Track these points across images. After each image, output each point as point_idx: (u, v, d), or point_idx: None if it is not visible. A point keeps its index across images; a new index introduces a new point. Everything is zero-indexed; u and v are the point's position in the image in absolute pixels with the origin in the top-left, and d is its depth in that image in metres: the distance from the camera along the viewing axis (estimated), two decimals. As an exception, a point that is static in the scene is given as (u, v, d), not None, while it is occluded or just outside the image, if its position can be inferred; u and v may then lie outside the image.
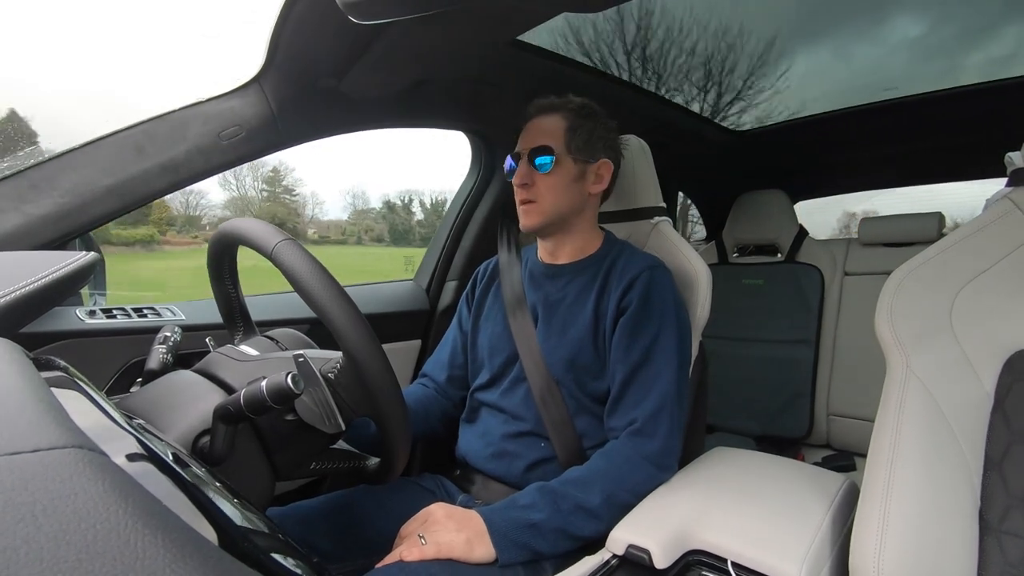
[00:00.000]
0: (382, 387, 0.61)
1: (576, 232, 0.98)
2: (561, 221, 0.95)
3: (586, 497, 0.75)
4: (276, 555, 0.39)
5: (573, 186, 0.94)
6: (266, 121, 1.02)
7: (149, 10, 29.23)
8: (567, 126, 0.94)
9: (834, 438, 1.83)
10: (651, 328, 0.86)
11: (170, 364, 0.73)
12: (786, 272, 1.92)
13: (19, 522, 0.20)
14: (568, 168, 0.93)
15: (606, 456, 0.81)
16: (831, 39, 1.56)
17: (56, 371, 0.46)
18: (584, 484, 0.77)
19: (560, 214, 0.94)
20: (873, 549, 0.59)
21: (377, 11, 0.62)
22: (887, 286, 0.69)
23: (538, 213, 0.93)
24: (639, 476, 0.80)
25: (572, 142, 0.93)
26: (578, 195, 0.95)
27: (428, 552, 0.69)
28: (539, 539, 0.73)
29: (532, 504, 0.75)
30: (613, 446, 0.83)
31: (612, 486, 0.77)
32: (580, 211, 0.97)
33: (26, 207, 0.85)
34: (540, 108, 0.97)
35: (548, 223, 0.94)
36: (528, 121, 0.97)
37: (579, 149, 0.94)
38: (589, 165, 0.95)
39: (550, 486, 0.77)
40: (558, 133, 0.93)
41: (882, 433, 0.64)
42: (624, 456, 0.81)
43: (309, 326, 1.16)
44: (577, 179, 0.94)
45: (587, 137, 0.94)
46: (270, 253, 0.62)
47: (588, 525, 0.75)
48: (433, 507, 0.75)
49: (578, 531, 0.74)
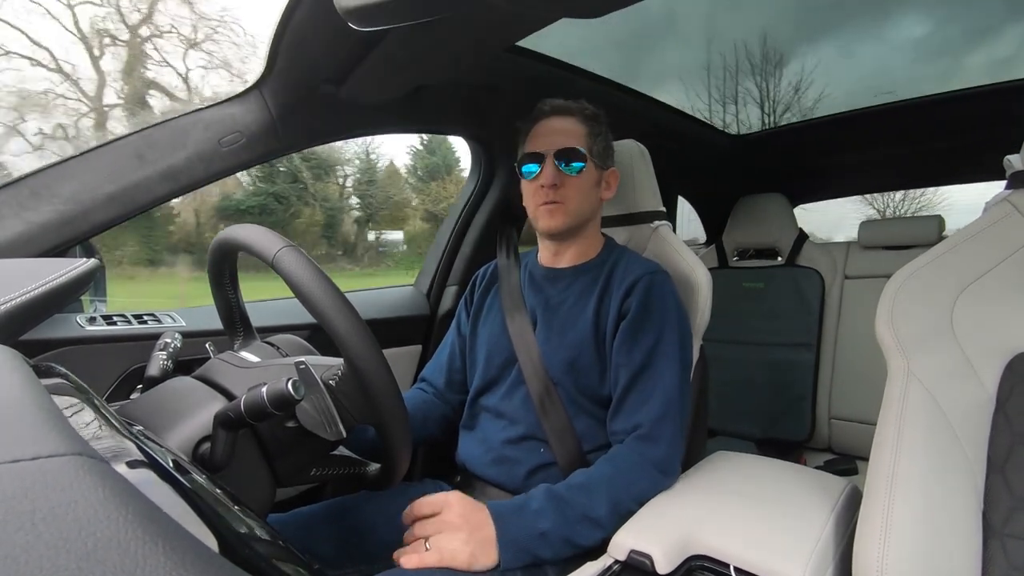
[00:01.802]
0: (384, 395, 0.61)
1: (584, 237, 0.99)
2: (581, 224, 0.97)
3: (592, 506, 0.75)
4: (277, 562, 0.39)
5: (593, 191, 0.96)
6: (266, 127, 1.03)
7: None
8: (588, 131, 0.94)
9: (836, 442, 1.83)
10: (653, 332, 0.86)
11: (170, 371, 0.73)
12: (786, 275, 1.92)
13: (19, 530, 0.19)
14: (591, 173, 0.95)
15: (612, 462, 0.81)
16: (835, 38, 1.57)
17: (56, 378, 0.46)
18: (591, 491, 0.77)
19: (583, 217, 0.96)
20: (876, 553, 0.59)
21: (376, 18, 0.62)
22: (887, 289, 0.69)
23: (564, 214, 0.93)
24: (645, 483, 0.79)
25: (594, 147, 0.95)
26: (596, 200, 0.97)
27: (428, 560, 0.68)
28: (544, 547, 0.73)
29: (541, 510, 0.74)
30: (619, 451, 0.83)
31: (618, 493, 0.77)
32: (593, 217, 0.99)
33: (27, 214, 0.85)
34: (556, 108, 0.96)
35: (572, 225, 0.95)
36: (540, 121, 0.96)
37: (598, 155, 0.95)
38: (603, 172, 0.98)
39: (558, 492, 0.77)
40: (581, 137, 0.94)
41: (884, 436, 0.64)
42: (631, 462, 0.80)
43: (310, 332, 1.16)
44: (596, 185, 0.96)
45: (604, 144, 0.96)
46: (271, 260, 0.62)
47: (592, 534, 0.75)
48: (452, 498, 0.74)
49: (581, 540, 0.74)
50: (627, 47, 1.48)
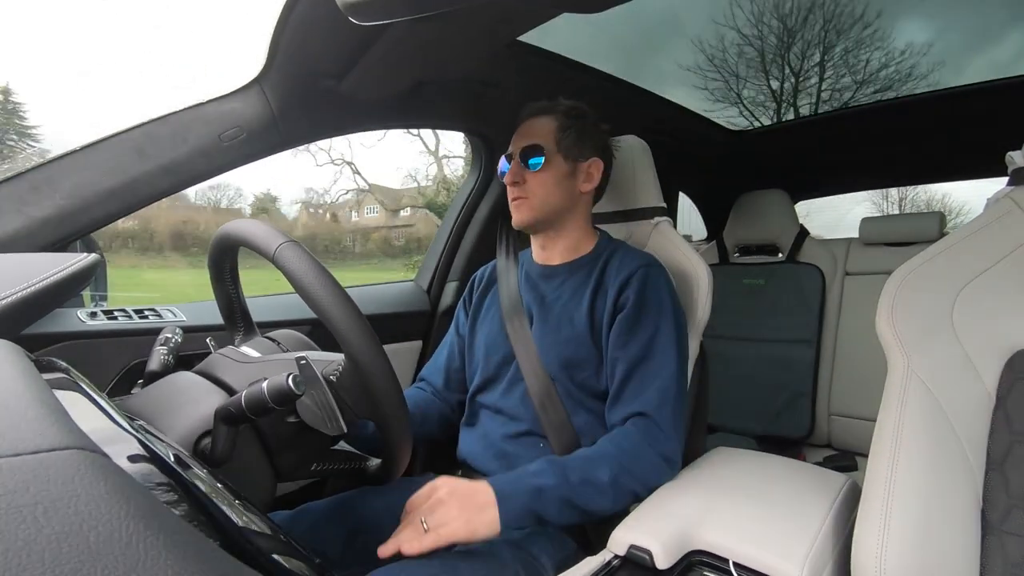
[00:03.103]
0: (384, 389, 0.61)
1: (568, 230, 1.00)
2: (552, 218, 0.98)
3: (595, 473, 0.75)
4: (277, 556, 0.39)
5: (563, 183, 0.96)
6: (267, 122, 1.02)
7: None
8: (557, 126, 0.97)
9: (835, 438, 1.83)
10: (649, 324, 0.87)
11: (171, 365, 0.73)
12: (787, 272, 1.92)
13: (21, 524, 0.20)
14: (558, 166, 0.96)
15: (613, 440, 0.81)
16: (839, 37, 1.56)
17: (57, 373, 0.46)
18: (593, 460, 0.77)
19: (551, 210, 0.97)
20: (875, 549, 0.59)
21: (377, 12, 0.62)
22: (888, 286, 0.69)
23: (528, 208, 0.96)
24: (645, 463, 0.79)
25: (562, 141, 0.96)
26: (568, 193, 0.97)
27: (427, 543, 0.67)
28: (546, 505, 0.72)
29: (540, 471, 0.74)
30: (621, 431, 0.83)
31: (620, 468, 0.77)
32: (571, 209, 0.99)
33: (27, 209, 0.85)
34: (532, 111, 1.00)
35: (539, 219, 0.97)
36: (521, 124, 1.00)
37: (569, 148, 0.96)
38: (579, 164, 0.98)
39: (559, 459, 0.77)
40: (548, 133, 0.96)
41: (883, 433, 0.64)
42: (632, 441, 0.80)
43: (310, 327, 1.16)
44: (567, 177, 0.97)
45: (577, 136, 0.97)
46: (272, 255, 0.62)
47: (595, 500, 0.74)
48: (439, 482, 0.73)
49: (584, 503, 0.74)
50: (628, 43, 1.48)
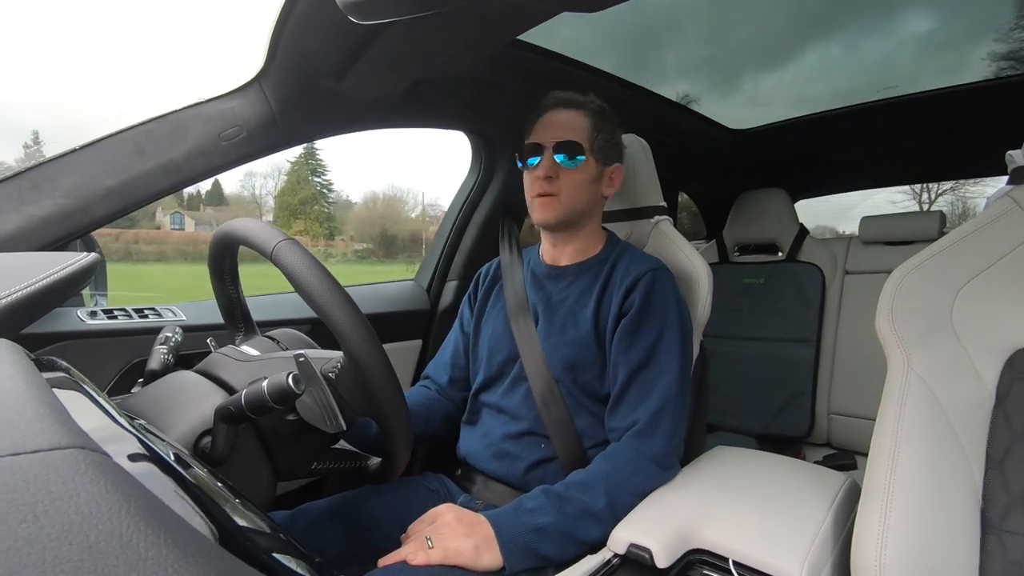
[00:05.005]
0: (383, 387, 0.61)
1: (584, 233, 0.99)
2: (575, 219, 0.96)
3: (591, 501, 0.75)
4: (277, 555, 0.39)
5: (591, 186, 0.95)
6: (266, 121, 1.02)
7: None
8: (591, 125, 0.93)
9: (835, 437, 1.83)
10: (653, 329, 0.86)
11: (171, 365, 0.73)
12: (787, 271, 1.92)
13: (21, 523, 0.20)
14: (591, 167, 0.94)
15: (608, 459, 0.81)
16: (841, 34, 1.55)
17: (57, 372, 0.46)
18: (588, 487, 0.77)
19: (577, 212, 0.95)
20: (875, 547, 0.59)
21: (377, 11, 0.62)
22: (888, 285, 0.69)
23: (557, 207, 0.93)
24: (641, 477, 0.80)
25: (595, 142, 0.93)
26: (594, 196, 0.96)
27: (434, 557, 0.69)
28: (545, 543, 0.72)
29: (538, 508, 0.74)
30: (615, 448, 0.83)
31: (616, 488, 0.77)
32: (591, 212, 0.98)
33: (27, 208, 0.85)
34: (561, 101, 0.95)
35: (563, 219, 0.94)
36: (545, 112, 0.96)
37: (600, 149, 0.94)
38: (606, 168, 0.97)
39: (555, 490, 0.77)
40: (583, 130, 0.93)
41: (883, 432, 0.64)
42: (626, 458, 0.81)
43: (310, 326, 1.16)
44: (595, 180, 0.95)
45: (608, 139, 0.95)
46: (270, 253, 0.62)
47: (593, 529, 0.75)
48: (442, 508, 0.75)
49: (583, 535, 0.74)
50: (628, 42, 1.47)
